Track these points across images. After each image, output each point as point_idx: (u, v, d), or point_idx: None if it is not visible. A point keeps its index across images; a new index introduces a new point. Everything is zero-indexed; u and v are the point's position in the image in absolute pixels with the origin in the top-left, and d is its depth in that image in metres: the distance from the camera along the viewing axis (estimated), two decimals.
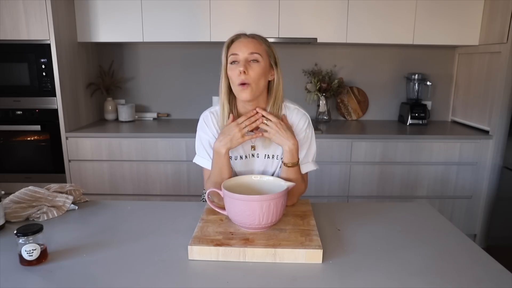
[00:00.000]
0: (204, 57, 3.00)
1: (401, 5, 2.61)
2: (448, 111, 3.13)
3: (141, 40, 2.65)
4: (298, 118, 1.29)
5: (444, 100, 3.11)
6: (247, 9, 2.60)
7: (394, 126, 2.88)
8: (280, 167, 1.27)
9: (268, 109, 1.24)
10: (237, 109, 1.27)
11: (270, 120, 1.20)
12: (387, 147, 2.55)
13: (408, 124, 2.90)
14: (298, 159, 1.24)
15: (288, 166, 1.22)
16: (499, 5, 2.46)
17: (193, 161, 1.37)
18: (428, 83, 2.95)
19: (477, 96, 2.74)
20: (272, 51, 1.22)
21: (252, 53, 1.16)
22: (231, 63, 1.19)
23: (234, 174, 1.31)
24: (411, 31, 2.65)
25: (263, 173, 1.32)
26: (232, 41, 1.21)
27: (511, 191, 2.40)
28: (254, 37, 1.21)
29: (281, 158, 1.26)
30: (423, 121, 2.89)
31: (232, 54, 1.18)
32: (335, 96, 3.04)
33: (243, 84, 1.16)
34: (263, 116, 1.21)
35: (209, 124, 1.31)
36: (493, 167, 2.56)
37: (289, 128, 1.22)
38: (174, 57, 3.03)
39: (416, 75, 2.92)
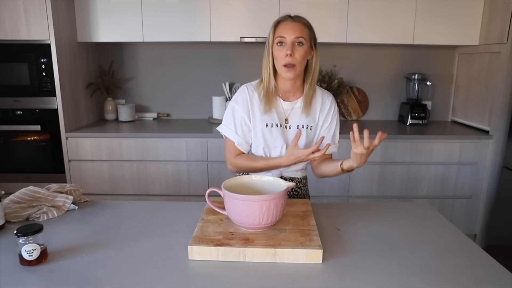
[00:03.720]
0: (204, 57, 3.00)
1: (401, 5, 2.61)
2: (448, 111, 3.13)
3: (141, 40, 2.65)
4: (329, 99, 1.41)
5: (444, 100, 3.11)
6: (247, 9, 2.60)
7: (394, 126, 2.88)
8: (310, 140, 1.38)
9: (306, 88, 1.36)
10: (276, 83, 1.36)
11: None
12: (387, 147, 2.54)
13: (408, 124, 2.90)
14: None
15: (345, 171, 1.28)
16: (499, 5, 2.46)
17: (217, 128, 1.43)
18: (428, 83, 2.95)
19: (477, 96, 2.74)
20: (313, 34, 1.34)
21: (298, 37, 1.27)
22: (278, 43, 1.28)
23: (266, 142, 1.36)
24: (411, 31, 2.65)
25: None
26: (278, 22, 1.30)
27: (511, 191, 2.40)
28: (299, 20, 1.31)
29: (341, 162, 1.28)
30: (423, 121, 2.89)
31: (279, 36, 1.28)
32: (335, 96, 3.03)
33: (288, 64, 1.26)
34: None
35: (244, 100, 1.37)
36: (493, 167, 2.56)
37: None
38: (174, 57, 3.02)
39: (416, 75, 2.92)
